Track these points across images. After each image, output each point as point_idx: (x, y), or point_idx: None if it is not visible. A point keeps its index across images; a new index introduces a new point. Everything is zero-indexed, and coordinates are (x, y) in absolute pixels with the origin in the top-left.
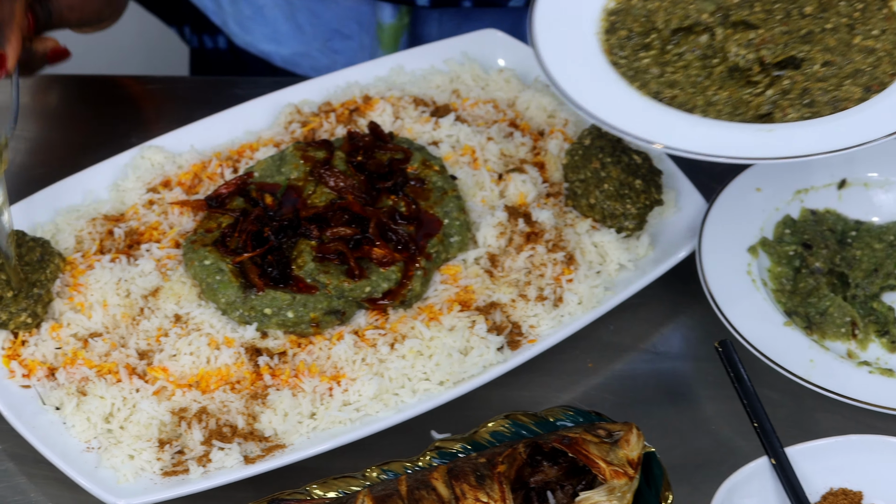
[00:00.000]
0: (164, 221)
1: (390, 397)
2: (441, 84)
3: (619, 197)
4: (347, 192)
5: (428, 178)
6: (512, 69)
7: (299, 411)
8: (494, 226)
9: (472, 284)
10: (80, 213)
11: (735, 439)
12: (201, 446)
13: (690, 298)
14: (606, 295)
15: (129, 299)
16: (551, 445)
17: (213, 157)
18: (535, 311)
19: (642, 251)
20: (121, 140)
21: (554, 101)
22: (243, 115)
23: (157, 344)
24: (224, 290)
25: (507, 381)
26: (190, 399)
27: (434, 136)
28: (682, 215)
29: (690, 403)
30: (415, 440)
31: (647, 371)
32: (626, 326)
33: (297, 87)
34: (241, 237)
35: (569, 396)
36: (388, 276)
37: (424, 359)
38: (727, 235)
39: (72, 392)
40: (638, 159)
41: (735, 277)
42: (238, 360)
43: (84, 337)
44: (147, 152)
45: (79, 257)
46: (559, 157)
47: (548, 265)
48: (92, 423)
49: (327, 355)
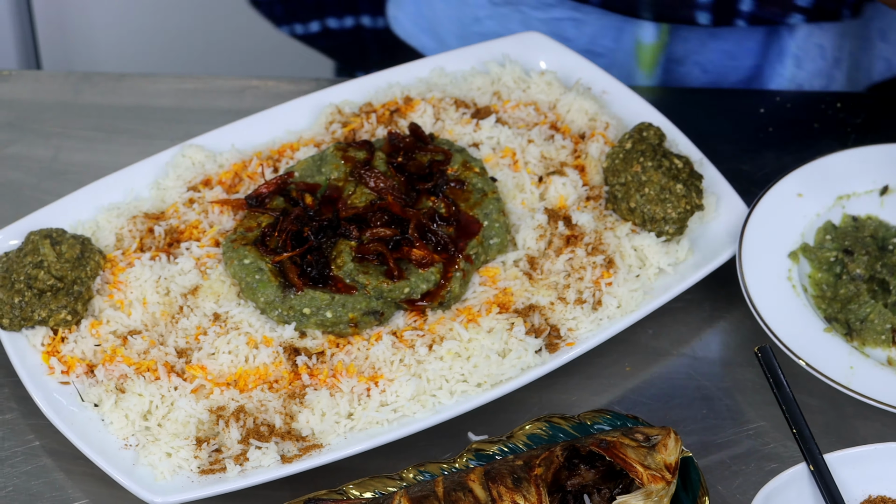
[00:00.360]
0: (204, 220)
1: (428, 398)
2: (482, 86)
3: (659, 201)
4: (387, 193)
5: (468, 179)
6: (553, 72)
7: (337, 411)
8: (534, 228)
9: (510, 287)
10: (121, 210)
11: (773, 445)
12: (238, 445)
13: (730, 303)
14: (645, 299)
15: (169, 297)
16: (588, 449)
17: (253, 156)
18: (573, 314)
19: (682, 255)
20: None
21: (595, 105)
22: (284, 115)
23: (196, 342)
24: (263, 289)
25: (545, 383)
26: (228, 398)
27: (475, 137)
28: (723, 220)
29: (729, 409)
30: (452, 442)
31: (686, 375)
32: (665, 330)
33: (339, 87)
34: (281, 237)
35: (606, 400)
36: (426, 278)
37: (462, 360)
38: (768, 241)
39: (110, 389)
40: (679, 163)
41: (775, 283)
42: (276, 359)
43: (123, 334)
44: (188, 151)
45: (119, 255)
46: (600, 161)
47: (587, 268)
48: (130, 421)
49: (365, 356)
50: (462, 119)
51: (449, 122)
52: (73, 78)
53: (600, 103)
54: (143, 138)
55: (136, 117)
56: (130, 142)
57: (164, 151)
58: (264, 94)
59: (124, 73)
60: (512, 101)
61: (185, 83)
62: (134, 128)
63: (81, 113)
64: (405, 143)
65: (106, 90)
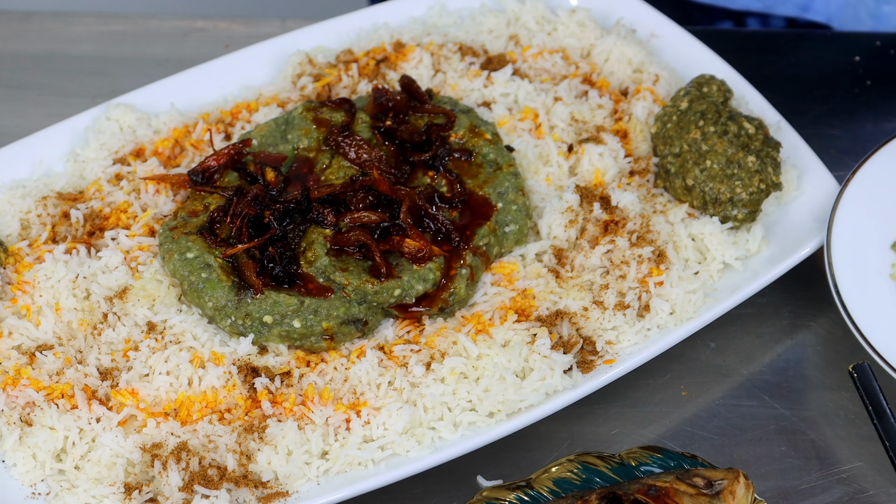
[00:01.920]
0: (135, 202)
1: (425, 432)
2: (495, 28)
3: (725, 178)
4: (372, 167)
5: (477, 149)
6: (587, 9)
7: (307, 449)
8: (562, 212)
9: (532, 287)
10: (28, 189)
11: (874, 492)
12: (180, 493)
13: (816, 309)
14: (707, 303)
15: (89, 302)
16: (633, 497)
17: (198, 118)
18: (613, 323)
19: (754, 247)
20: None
21: (641, 51)
22: (239, 65)
23: (125, 360)
24: (212, 291)
25: (577, 412)
26: (166, 432)
27: (485, 94)
28: (807, 200)
29: (815, 445)
30: (456, 488)
31: (759, 402)
32: (731, 344)
33: (309, 29)
34: (235, 223)
35: (656, 434)
36: (423, 276)
37: (470, 383)
38: (865, 227)
39: (13, 421)
40: (750, 128)
41: (875, 282)
42: (229, 381)
43: (30, 350)
44: (114, 112)
45: (25, 247)
46: (647, 125)
47: (631, 263)
48: (39, 462)
49: (344, 377)
50: (469, 71)
51: (452, 74)
52: None
53: (647, 50)
54: (56, 95)
55: (46, 68)
56: (39, 100)
57: (84, 113)
58: (212, 39)
59: (32, 12)
60: (534, 48)
61: (110, 24)
62: (44, 82)
63: None
64: (395, 102)
65: (8, 33)
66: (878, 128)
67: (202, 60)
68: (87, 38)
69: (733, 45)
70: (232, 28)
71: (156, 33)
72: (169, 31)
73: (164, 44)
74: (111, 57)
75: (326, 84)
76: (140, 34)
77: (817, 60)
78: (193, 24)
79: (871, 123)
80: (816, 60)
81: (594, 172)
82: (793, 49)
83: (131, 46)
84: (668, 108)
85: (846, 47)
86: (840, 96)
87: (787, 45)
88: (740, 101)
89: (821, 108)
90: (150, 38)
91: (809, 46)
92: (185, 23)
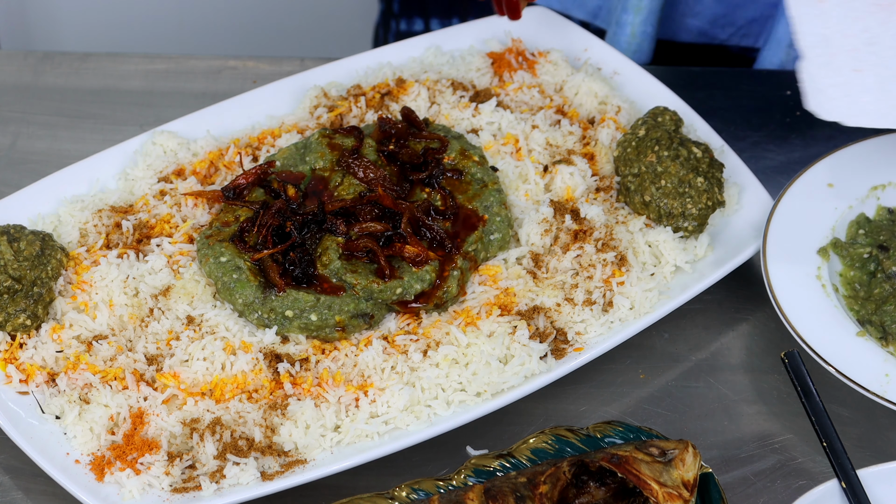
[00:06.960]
0: (176, 214)
1: (422, 409)
2: (481, 66)
3: (677, 195)
4: (377, 184)
5: (466, 169)
6: (560, 51)
7: (322, 423)
8: (539, 222)
9: (513, 286)
10: (85, 203)
11: (802, 460)
12: (214, 461)
13: (753, 305)
14: (661, 300)
15: (138, 299)
16: (598, 464)
17: (230, 143)
18: (582, 317)
19: (701, 252)
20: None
21: (605, 87)
22: (264, 98)
23: (168, 348)
24: (241, 289)
25: (551, 392)
26: (203, 409)
27: (473, 123)
28: (746, 212)
29: (752, 420)
30: (449, 456)
31: (705, 384)
32: (682, 334)
33: (324, 67)
34: (261, 232)
35: (618, 410)
36: (421, 277)
37: (460, 367)
38: (795, 235)
39: (74, 400)
40: (698, 152)
41: (803, 282)
42: (256, 366)
43: (88, 339)
44: (159, 138)
45: (83, 252)
46: (611, 149)
47: (597, 266)
48: (95, 434)
49: (354, 362)
50: (460, 103)
51: (445, 105)
52: (32, 58)
53: (611, 85)
54: (109, 124)
55: (101, 101)
56: (95, 128)
57: (133, 139)
58: (242, 76)
59: (89, 53)
60: (514, 83)
61: (155, 63)
62: (99, 113)
63: (42, 96)
64: (397, 130)
65: (69, 71)
66: (806, 152)
67: (233, 94)
68: (135, 75)
69: (683, 81)
70: (258, 66)
71: (194, 71)
72: (205, 69)
73: (201, 80)
74: (156, 91)
75: (339, 114)
76: (180, 72)
77: (754, 94)
78: (226, 63)
79: (800, 148)
80: (753, 94)
81: (566, 189)
82: (734, 84)
83: (173, 82)
84: (628, 135)
85: (779, 83)
86: (774, 124)
87: (730, 81)
88: (690, 128)
89: (757, 134)
90: (189, 75)
91: (748, 82)
92: (219, 62)
